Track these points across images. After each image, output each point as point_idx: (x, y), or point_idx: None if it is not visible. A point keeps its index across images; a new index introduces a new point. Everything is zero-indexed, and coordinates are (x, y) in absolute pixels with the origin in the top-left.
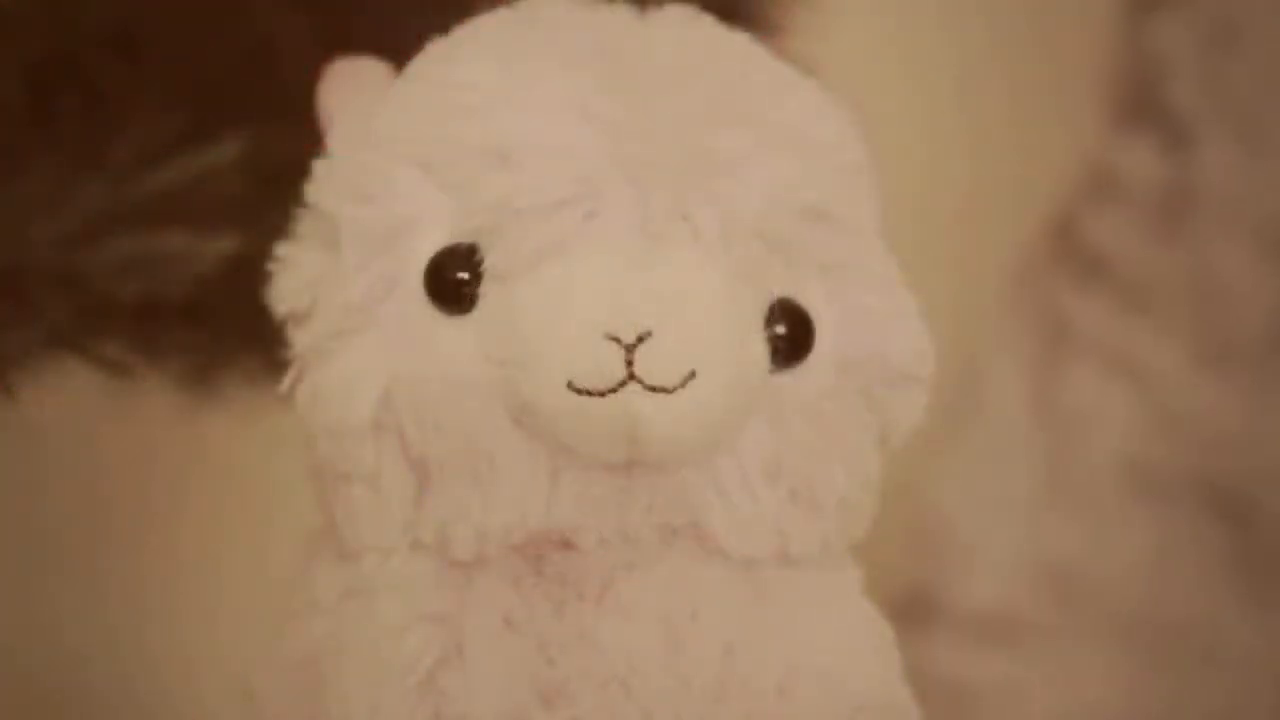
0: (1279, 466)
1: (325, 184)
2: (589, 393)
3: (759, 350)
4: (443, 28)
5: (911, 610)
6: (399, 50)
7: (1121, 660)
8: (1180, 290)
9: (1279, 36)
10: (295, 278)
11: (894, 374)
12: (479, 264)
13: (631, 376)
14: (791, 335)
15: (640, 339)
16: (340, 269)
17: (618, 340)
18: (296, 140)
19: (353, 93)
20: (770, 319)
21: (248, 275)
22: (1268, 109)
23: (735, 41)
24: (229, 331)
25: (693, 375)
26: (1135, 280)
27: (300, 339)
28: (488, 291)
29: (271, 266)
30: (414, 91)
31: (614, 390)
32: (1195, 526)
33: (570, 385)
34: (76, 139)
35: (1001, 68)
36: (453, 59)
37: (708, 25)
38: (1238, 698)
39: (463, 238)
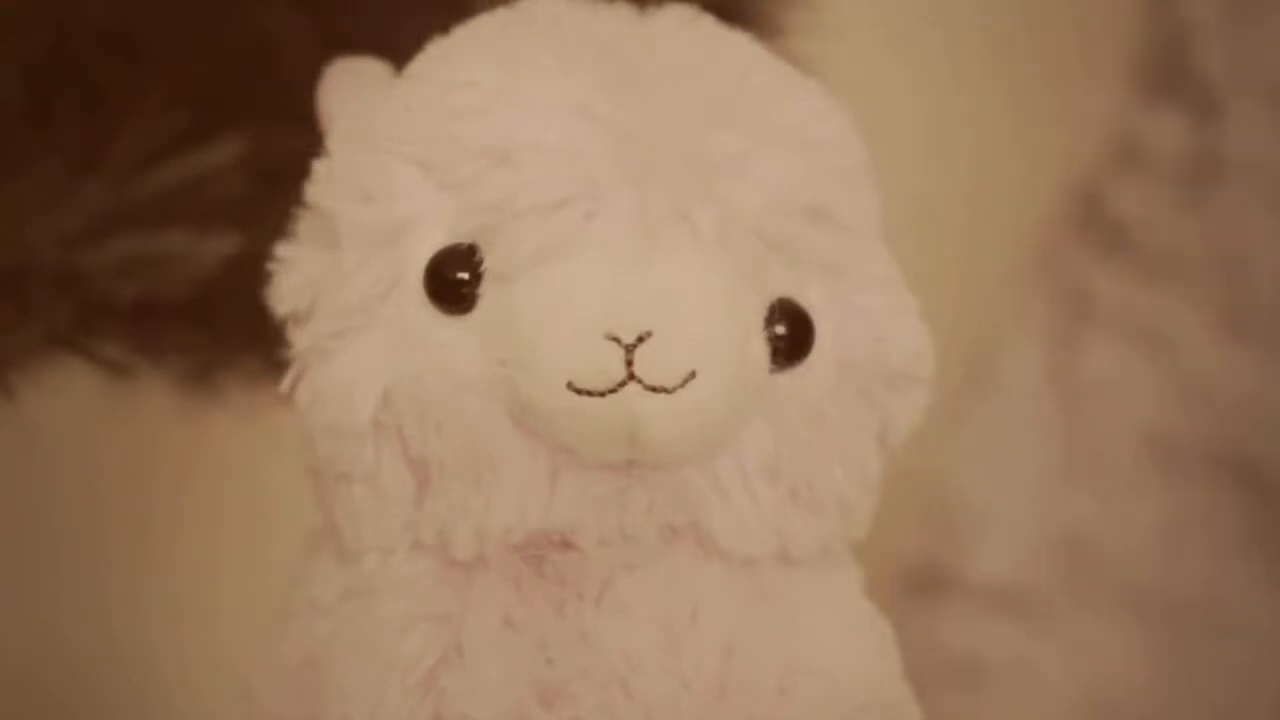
0: None
1: (325, 184)
2: (589, 393)
3: (759, 350)
4: (443, 28)
5: (926, 583)
6: (399, 50)
7: (1136, 633)
8: (1205, 260)
9: None
10: (295, 278)
11: (894, 374)
12: (479, 264)
13: (631, 376)
14: (791, 335)
15: (640, 339)
16: (340, 269)
17: (617, 340)
18: (296, 140)
19: (353, 93)
20: (770, 319)
21: (248, 275)
22: None
23: (735, 41)
24: (229, 331)
25: (693, 375)
26: (1159, 250)
27: (300, 339)
28: (487, 292)
29: (271, 266)
30: (414, 91)
31: (614, 390)
32: (1211, 499)
33: (570, 385)
34: (76, 139)
35: (1018, 42)
36: (453, 59)
37: (708, 25)
38: (1252, 670)
39: (463, 238)
